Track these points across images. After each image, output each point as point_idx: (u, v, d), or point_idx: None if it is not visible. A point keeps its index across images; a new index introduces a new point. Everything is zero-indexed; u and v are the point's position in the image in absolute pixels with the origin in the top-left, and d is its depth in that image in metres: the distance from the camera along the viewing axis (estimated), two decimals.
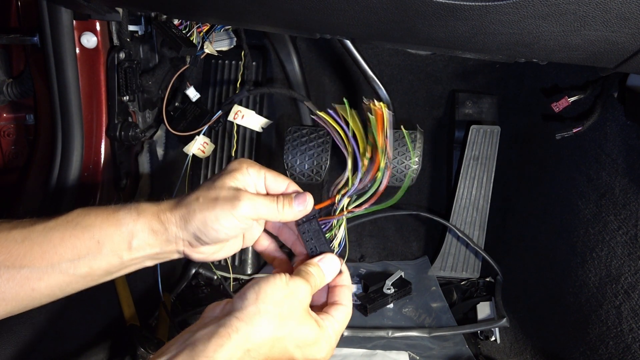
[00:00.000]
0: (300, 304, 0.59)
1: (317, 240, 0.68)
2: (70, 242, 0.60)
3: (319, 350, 0.60)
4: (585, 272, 1.07)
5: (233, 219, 0.61)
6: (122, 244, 0.62)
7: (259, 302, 0.56)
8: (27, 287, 0.60)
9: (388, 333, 1.21)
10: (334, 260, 0.67)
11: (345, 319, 0.65)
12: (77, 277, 0.62)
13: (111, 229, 0.61)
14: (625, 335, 0.94)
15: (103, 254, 0.61)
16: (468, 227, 1.38)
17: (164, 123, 1.18)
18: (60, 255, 0.60)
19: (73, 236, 0.61)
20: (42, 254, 0.60)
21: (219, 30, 1.17)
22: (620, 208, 1.01)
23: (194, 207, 0.62)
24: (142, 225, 0.62)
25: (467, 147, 1.36)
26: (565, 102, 1.09)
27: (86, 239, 0.61)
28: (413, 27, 0.72)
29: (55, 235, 0.60)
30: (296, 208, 0.66)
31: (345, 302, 0.66)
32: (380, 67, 1.48)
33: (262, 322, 0.55)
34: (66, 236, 0.61)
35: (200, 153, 1.19)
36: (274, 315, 0.56)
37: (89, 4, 0.86)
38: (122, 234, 0.62)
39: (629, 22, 0.62)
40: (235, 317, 0.54)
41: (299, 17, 0.75)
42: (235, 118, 1.19)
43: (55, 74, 0.98)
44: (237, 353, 0.53)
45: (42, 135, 1.10)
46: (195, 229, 0.62)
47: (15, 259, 0.59)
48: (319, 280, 0.64)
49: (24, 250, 0.59)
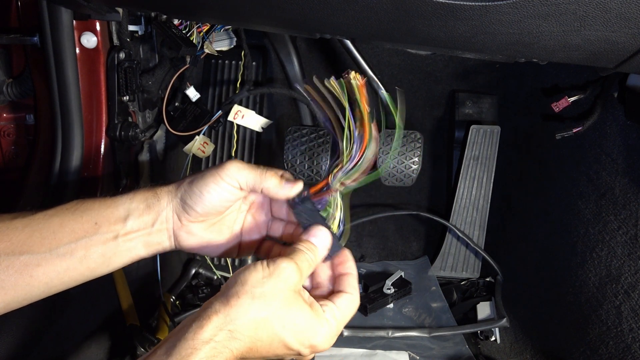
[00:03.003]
0: (284, 283, 0.57)
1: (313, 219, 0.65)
2: (69, 227, 0.62)
3: (315, 335, 0.58)
4: (585, 272, 1.07)
5: (220, 181, 0.63)
6: (117, 222, 0.63)
7: (237, 285, 0.55)
8: (25, 274, 0.60)
9: (388, 333, 1.21)
10: (323, 231, 0.64)
11: (350, 307, 0.62)
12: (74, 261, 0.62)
13: (108, 210, 0.63)
14: (625, 335, 0.94)
15: (99, 234, 0.63)
16: (468, 227, 1.38)
17: (164, 123, 1.18)
18: (59, 239, 0.61)
19: (72, 220, 0.62)
20: (42, 240, 0.61)
21: (218, 30, 1.17)
22: (620, 208, 1.01)
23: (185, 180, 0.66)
24: (138, 203, 0.64)
25: (467, 147, 1.36)
26: (565, 102, 1.09)
27: (84, 222, 0.62)
28: (413, 27, 0.72)
29: (55, 221, 0.62)
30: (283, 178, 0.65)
31: (350, 290, 0.63)
32: (380, 67, 1.48)
33: (241, 303, 0.54)
34: (65, 221, 0.62)
35: (200, 153, 1.19)
36: (255, 295, 0.55)
37: (89, 4, 0.86)
38: (118, 212, 0.63)
39: (629, 22, 0.62)
40: (217, 302, 0.55)
41: (299, 17, 0.75)
42: (235, 118, 1.19)
43: (55, 74, 0.98)
44: (220, 335, 0.52)
45: (42, 135, 1.10)
46: (182, 192, 0.64)
47: (15, 246, 0.60)
48: (311, 255, 0.61)
49: (24, 237, 0.60)
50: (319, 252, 0.63)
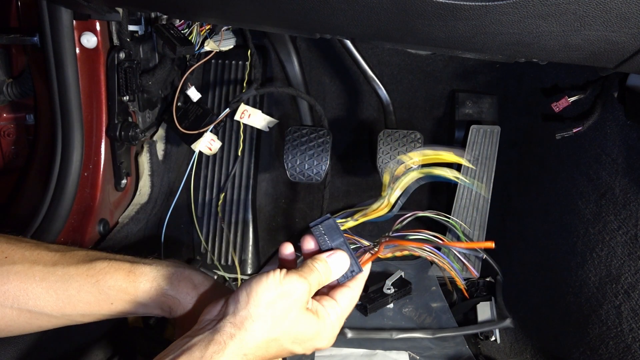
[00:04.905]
0: (295, 303, 0.57)
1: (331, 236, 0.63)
2: (86, 299, 0.63)
3: (319, 340, 0.59)
4: (585, 272, 1.07)
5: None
6: (132, 303, 0.65)
7: (250, 306, 0.55)
8: (35, 325, 0.63)
9: (392, 335, 1.20)
10: (344, 258, 0.63)
11: (349, 303, 0.63)
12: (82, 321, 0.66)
13: (127, 288, 0.64)
14: (625, 335, 0.94)
15: (112, 311, 0.65)
16: (468, 227, 1.38)
17: (174, 120, 1.18)
18: (74, 307, 0.63)
19: (90, 293, 0.63)
20: (57, 302, 0.62)
21: (220, 30, 1.17)
22: (620, 208, 1.01)
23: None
24: (156, 303, 0.66)
25: (467, 147, 1.36)
26: (565, 102, 1.09)
27: (101, 300, 0.64)
28: (413, 27, 0.72)
29: (73, 285, 0.63)
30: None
31: (352, 285, 0.64)
32: (380, 67, 1.48)
33: (254, 327, 0.55)
34: (83, 290, 0.63)
35: (207, 150, 1.19)
36: (267, 318, 0.55)
37: (89, 4, 0.86)
38: (136, 305, 0.65)
39: (629, 22, 0.62)
40: (229, 323, 0.55)
41: (299, 17, 0.75)
42: (242, 117, 1.19)
43: (55, 74, 0.98)
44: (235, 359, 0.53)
45: (42, 135, 1.10)
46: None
47: (29, 301, 0.61)
48: (324, 277, 0.61)
49: (41, 291, 0.62)
50: (332, 276, 0.63)
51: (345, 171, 1.58)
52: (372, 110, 1.55)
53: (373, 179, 1.57)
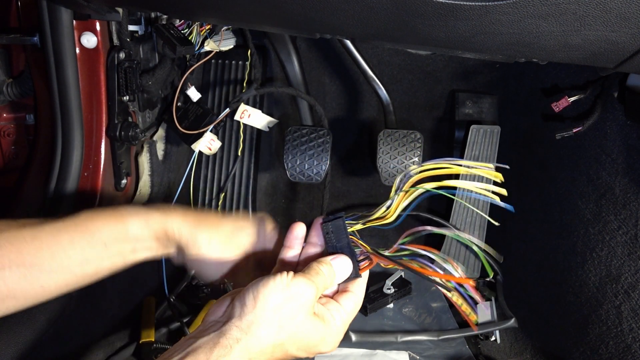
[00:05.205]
0: (302, 307, 0.57)
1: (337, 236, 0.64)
2: (79, 246, 0.63)
3: (324, 345, 0.59)
4: (585, 272, 1.07)
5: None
6: (125, 242, 0.65)
7: (257, 309, 0.55)
8: (36, 285, 0.62)
9: (397, 338, 1.20)
10: (347, 262, 0.63)
11: (354, 307, 0.63)
12: (84, 276, 0.65)
13: (116, 229, 0.65)
14: (625, 335, 0.94)
15: (109, 256, 0.65)
16: (468, 227, 1.38)
17: (174, 120, 1.18)
18: (70, 257, 0.63)
19: (82, 239, 0.63)
20: (52, 255, 0.62)
21: (220, 30, 1.17)
22: (620, 208, 1.01)
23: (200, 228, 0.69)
24: (149, 234, 0.66)
25: (467, 147, 1.36)
26: (565, 102, 1.09)
27: (94, 243, 0.64)
28: (413, 27, 0.72)
29: (64, 237, 0.63)
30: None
31: (355, 290, 0.64)
32: (380, 67, 1.48)
33: (261, 332, 0.54)
34: (75, 239, 0.63)
35: (207, 150, 1.19)
36: (273, 322, 0.55)
37: (89, 4, 0.86)
38: (127, 233, 0.65)
39: (629, 22, 0.62)
40: (235, 326, 0.54)
41: (299, 17, 0.75)
42: (242, 117, 1.19)
43: (55, 74, 0.98)
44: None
45: (42, 135, 1.10)
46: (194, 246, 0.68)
47: (25, 258, 0.61)
48: (329, 280, 0.61)
49: (33, 249, 0.61)
50: (336, 280, 0.63)
51: (346, 171, 1.58)
52: (372, 110, 1.55)
53: (373, 178, 1.57)
